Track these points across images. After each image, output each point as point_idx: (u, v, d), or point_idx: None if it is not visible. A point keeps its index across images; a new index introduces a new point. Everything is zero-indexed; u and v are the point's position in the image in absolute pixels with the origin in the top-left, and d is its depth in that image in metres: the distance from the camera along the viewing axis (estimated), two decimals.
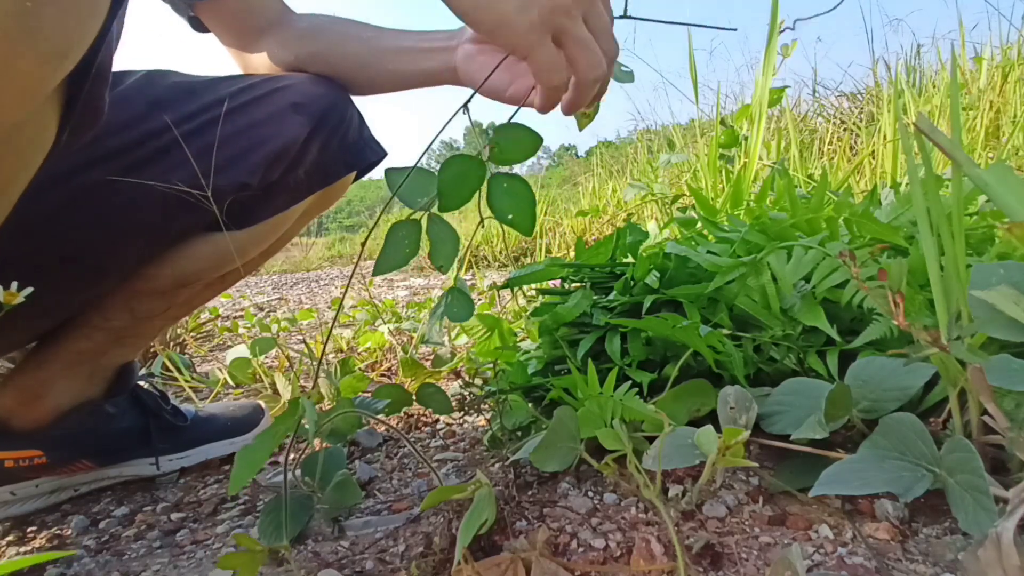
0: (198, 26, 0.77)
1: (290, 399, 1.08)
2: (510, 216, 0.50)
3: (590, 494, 0.62)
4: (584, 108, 0.56)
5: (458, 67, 0.68)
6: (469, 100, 0.51)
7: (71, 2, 0.36)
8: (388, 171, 0.51)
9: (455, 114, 0.49)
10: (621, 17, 0.58)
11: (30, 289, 0.37)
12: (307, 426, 0.51)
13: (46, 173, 0.47)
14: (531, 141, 0.48)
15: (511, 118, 0.51)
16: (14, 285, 0.37)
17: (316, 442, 0.81)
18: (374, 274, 0.51)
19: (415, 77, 0.72)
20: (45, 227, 0.59)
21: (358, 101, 0.77)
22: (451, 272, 0.63)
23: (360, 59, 0.73)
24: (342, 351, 1.53)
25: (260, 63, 0.76)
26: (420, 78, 0.72)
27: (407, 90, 0.75)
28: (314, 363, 1.28)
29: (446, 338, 1.27)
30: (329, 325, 1.83)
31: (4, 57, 0.34)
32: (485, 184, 0.49)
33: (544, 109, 0.56)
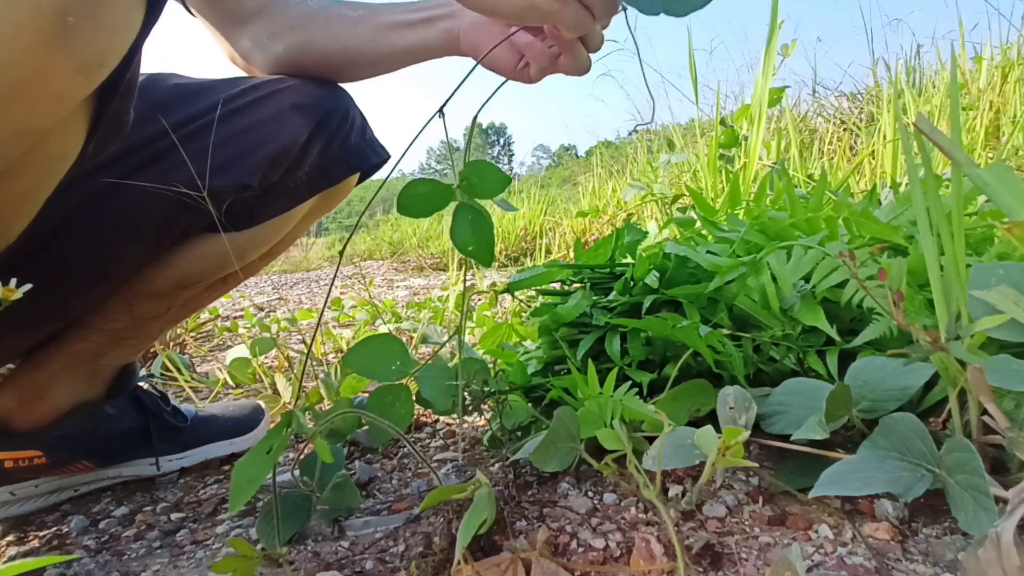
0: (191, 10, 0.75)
1: (286, 405, 1.08)
2: (470, 248, 0.53)
3: (590, 494, 0.62)
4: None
5: (462, 36, 0.67)
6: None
7: (107, 19, 0.39)
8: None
9: (443, 105, 0.49)
10: None
11: (28, 286, 0.37)
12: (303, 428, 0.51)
13: None
14: (500, 179, 0.52)
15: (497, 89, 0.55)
16: (13, 281, 0.37)
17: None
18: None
19: (416, 51, 0.71)
20: (49, 233, 0.59)
21: (361, 100, 0.76)
22: (452, 274, 0.63)
23: (355, 41, 0.72)
24: (342, 351, 1.53)
25: (247, 52, 0.75)
26: (420, 52, 0.71)
27: (409, 65, 0.73)
28: (314, 363, 1.28)
29: (445, 338, 1.27)
30: (326, 325, 1.83)
31: (41, 65, 0.37)
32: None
33: (575, 68, 0.61)
